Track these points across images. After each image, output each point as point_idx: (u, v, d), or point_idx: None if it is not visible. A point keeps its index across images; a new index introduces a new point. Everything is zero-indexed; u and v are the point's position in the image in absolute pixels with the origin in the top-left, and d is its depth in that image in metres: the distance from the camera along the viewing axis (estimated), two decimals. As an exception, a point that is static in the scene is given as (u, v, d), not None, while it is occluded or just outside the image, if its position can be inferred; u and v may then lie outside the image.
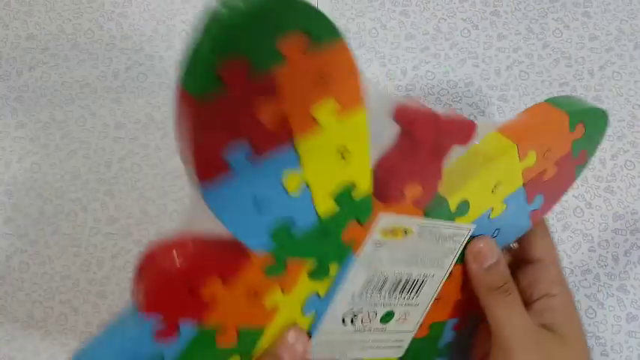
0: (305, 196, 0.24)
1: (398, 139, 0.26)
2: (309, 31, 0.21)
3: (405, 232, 0.29)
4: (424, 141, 0.26)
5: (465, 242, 0.31)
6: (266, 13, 0.20)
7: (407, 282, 0.31)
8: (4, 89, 0.42)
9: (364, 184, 0.26)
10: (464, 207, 0.30)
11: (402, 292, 0.31)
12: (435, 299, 0.32)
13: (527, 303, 0.32)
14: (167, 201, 0.40)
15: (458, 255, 0.31)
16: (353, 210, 0.26)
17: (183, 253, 0.23)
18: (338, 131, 0.23)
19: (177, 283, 0.24)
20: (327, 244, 0.26)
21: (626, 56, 0.44)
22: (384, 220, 0.27)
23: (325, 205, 0.25)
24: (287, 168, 0.23)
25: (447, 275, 0.32)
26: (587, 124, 0.32)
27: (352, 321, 0.30)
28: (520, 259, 0.33)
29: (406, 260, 0.30)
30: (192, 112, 0.20)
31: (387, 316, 0.31)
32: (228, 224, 0.23)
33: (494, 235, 0.31)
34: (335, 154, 0.24)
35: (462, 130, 0.27)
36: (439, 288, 0.32)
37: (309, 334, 0.29)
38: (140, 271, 0.23)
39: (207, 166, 0.21)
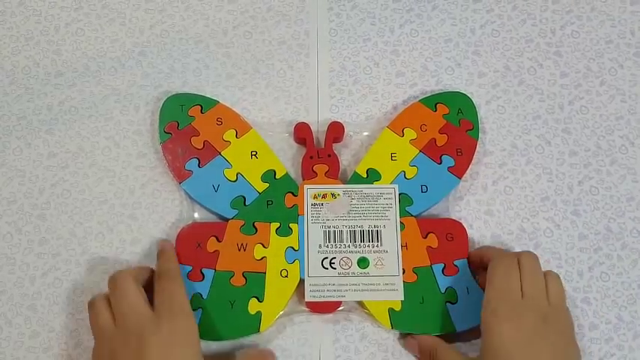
0: (242, 181, 0.44)
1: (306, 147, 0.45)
2: (200, 104, 0.46)
3: (333, 195, 0.44)
4: (310, 142, 0.45)
5: (398, 198, 0.44)
6: (176, 102, 0.46)
7: (362, 232, 0.43)
8: None
9: (279, 169, 0.45)
10: (374, 173, 0.45)
11: (362, 240, 0.43)
12: (403, 247, 0.43)
13: None
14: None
15: (398, 209, 0.43)
16: (280, 185, 0.44)
17: (192, 226, 0.44)
18: (242, 144, 0.45)
19: (190, 241, 0.43)
20: (276, 210, 0.44)
21: (593, 92, 0.49)
22: (310, 189, 0.44)
23: (258, 184, 0.44)
24: (224, 167, 0.44)
25: (400, 226, 0.43)
26: (446, 103, 0.47)
27: (332, 265, 0.42)
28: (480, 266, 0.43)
29: (349, 216, 0.43)
30: (162, 148, 0.45)
31: (363, 262, 0.42)
32: (204, 202, 0.44)
33: (424, 190, 0.44)
34: (248, 155, 0.45)
35: (336, 131, 0.46)
36: (398, 237, 0.43)
37: (302, 279, 0.42)
38: (176, 242, 0.43)
39: (179, 173, 0.44)
